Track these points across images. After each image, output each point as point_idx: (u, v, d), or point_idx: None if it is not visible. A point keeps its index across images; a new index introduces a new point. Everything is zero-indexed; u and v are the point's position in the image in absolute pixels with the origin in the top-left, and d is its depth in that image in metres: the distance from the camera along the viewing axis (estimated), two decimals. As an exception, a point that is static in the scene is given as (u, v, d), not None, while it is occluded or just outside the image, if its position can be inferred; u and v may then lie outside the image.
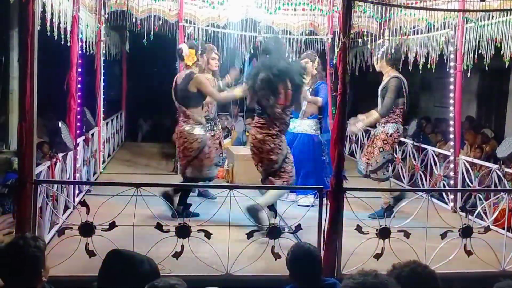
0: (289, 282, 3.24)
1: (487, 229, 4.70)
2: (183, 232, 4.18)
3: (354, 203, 4.50)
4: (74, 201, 5.71)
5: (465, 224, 4.51)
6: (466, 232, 4.49)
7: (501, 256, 4.61)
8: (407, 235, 4.36)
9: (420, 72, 7.58)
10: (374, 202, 5.51)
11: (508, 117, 11.12)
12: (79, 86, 6.09)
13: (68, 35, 5.52)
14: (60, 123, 5.46)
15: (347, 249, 4.36)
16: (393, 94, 6.09)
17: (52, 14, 4.93)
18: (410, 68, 7.60)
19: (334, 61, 6.82)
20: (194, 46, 5.91)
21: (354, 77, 6.36)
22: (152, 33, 7.17)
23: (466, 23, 6.49)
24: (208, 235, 4.21)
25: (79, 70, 6.07)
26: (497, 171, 6.08)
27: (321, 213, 4.38)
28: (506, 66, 6.07)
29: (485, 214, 5.84)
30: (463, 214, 4.73)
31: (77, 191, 6.17)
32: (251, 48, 7.73)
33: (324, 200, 4.44)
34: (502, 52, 5.94)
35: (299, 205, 5.40)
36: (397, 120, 6.23)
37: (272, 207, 4.56)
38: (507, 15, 5.89)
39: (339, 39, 4.33)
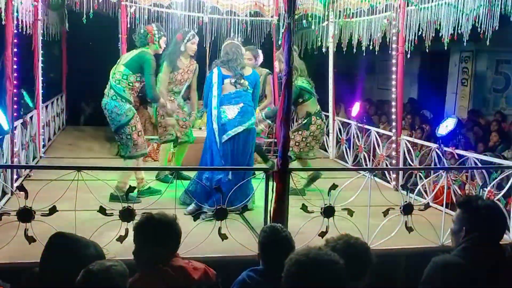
0: (257, 263, 3.16)
1: (427, 206, 4.86)
2: (127, 215, 4.10)
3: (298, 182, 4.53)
4: (12, 186, 5.50)
5: (406, 201, 4.64)
6: (407, 209, 4.62)
7: (440, 231, 4.78)
8: (350, 213, 4.44)
9: (364, 54, 7.70)
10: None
11: (447, 98, 11.53)
12: (15, 67, 5.82)
13: (2, 13, 5.25)
14: (-5, 105, 5.23)
15: (293, 229, 4.38)
16: None
17: (-17, -10, 4.68)
18: (354, 50, 7.72)
19: (280, 43, 6.81)
20: None
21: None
22: (91, 11, 6.92)
23: (408, 5, 6.62)
24: (153, 218, 4.13)
25: (15, 50, 5.79)
26: (437, 150, 6.30)
27: (267, 193, 4.39)
28: (446, 48, 6.24)
29: (425, 191, 6.04)
30: (404, 192, 4.86)
31: (15, 176, 5.93)
32: (196, 28, 7.61)
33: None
34: (441, 35, 6.11)
35: None
36: None
37: (218, 188, 4.52)
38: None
39: (284, 20, 4.30)
